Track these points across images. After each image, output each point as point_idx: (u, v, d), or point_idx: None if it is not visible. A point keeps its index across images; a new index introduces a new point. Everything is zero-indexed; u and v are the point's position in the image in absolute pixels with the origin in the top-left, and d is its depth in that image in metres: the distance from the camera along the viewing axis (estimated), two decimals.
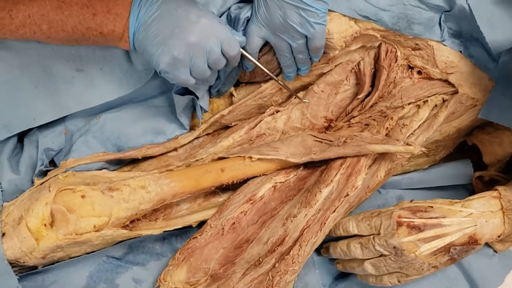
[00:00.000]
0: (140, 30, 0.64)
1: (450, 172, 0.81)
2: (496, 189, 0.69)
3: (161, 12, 0.63)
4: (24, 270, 0.69)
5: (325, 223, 0.68)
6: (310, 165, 0.74)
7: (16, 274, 0.64)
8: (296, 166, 0.75)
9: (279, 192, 0.73)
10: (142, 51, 0.65)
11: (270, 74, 0.73)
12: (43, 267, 0.69)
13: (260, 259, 0.69)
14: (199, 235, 0.71)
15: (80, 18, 0.63)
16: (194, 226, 0.75)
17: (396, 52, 0.74)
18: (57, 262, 0.70)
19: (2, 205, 0.69)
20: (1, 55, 0.69)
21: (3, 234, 0.65)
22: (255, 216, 0.72)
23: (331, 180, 0.69)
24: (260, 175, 0.74)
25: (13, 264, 0.65)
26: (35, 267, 0.69)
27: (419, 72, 0.76)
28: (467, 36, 0.73)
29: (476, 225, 0.66)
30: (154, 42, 0.63)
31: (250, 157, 0.72)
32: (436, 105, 0.75)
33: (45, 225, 0.64)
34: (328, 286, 0.76)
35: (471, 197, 0.69)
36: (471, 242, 0.66)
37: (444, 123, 0.75)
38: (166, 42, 0.63)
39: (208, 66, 0.67)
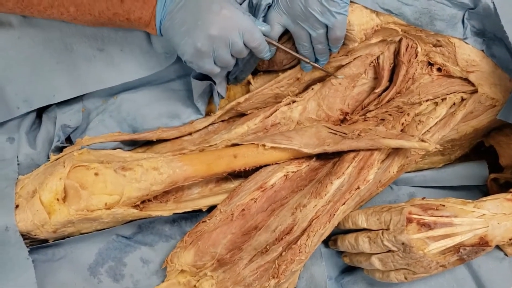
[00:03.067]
0: (166, 18, 0.65)
1: (464, 172, 0.81)
2: (511, 192, 0.68)
3: (186, 2, 0.64)
4: (35, 243, 0.70)
5: (334, 214, 0.68)
6: (323, 157, 0.74)
7: (27, 246, 0.65)
8: (309, 156, 0.74)
9: (290, 181, 0.73)
10: (169, 39, 0.66)
11: (299, 56, 0.73)
12: (53, 241, 0.71)
13: (268, 247, 0.69)
14: (208, 219, 0.72)
15: (108, 4, 0.64)
16: (204, 210, 0.75)
17: (417, 47, 0.74)
18: (68, 237, 0.71)
19: (17, 178, 0.70)
20: (25, 31, 0.70)
21: (17, 206, 0.66)
22: (265, 203, 0.72)
23: (343, 173, 0.69)
24: (272, 164, 0.74)
25: (25, 236, 0.66)
26: (45, 241, 0.70)
27: (439, 69, 0.75)
28: (490, 35, 0.72)
29: (487, 226, 0.65)
30: (179, 32, 0.64)
31: (264, 145, 0.72)
32: (454, 103, 0.75)
33: (57, 199, 0.65)
34: (334, 279, 0.76)
35: (484, 198, 0.68)
36: (482, 244, 0.65)
37: (461, 122, 0.75)
38: (190, 33, 0.64)
39: (232, 55, 0.68)
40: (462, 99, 0.75)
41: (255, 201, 0.72)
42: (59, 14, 0.64)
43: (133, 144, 0.79)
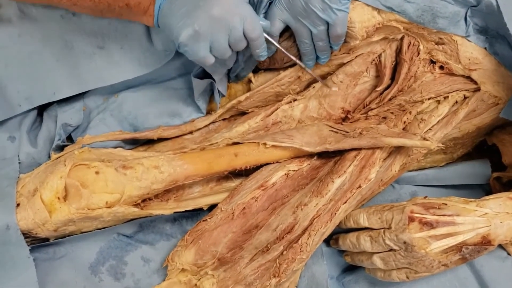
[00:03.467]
0: (165, 3, 0.64)
1: (467, 171, 0.80)
2: None
3: None
4: (36, 242, 0.70)
5: (335, 213, 0.68)
6: (324, 155, 0.74)
7: (28, 245, 0.65)
8: (310, 155, 0.74)
9: (292, 180, 0.73)
10: (165, 26, 0.65)
11: (293, 57, 0.73)
12: (54, 239, 0.71)
13: (268, 246, 0.69)
14: (209, 218, 0.72)
15: None
16: (205, 209, 0.75)
17: (419, 45, 0.73)
18: (69, 235, 0.71)
19: (18, 177, 0.70)
20: (25, 27, 0.70)
21: (18, 205, 0.66)
22: (266, 202, 0.72)
23: (344, 171, 0.69)
24: (273, 162, 0.74)
25: (26, 235, 0.66)
26: (46, 239, 0.70)
27: (441, 67, 0.74)
28: (493, 32, 0.71)
29: (490, 225, 0.64)
30: (177, 14, 0.63)
31: (264, 144, 0.72)
32: (456, 102, 0.74)
33: (58, 198, 0.65)
34: (335, 278, 0.75)
35: (487, 197, 0.68)
36: (484, 243, 0.65)
37: (464, 120, 0.74)
38: (189, 14, 0.62)
39: (229, 46, 0.66)
40: (465, 97, 0.74)
41: (256, 200, 0.72)
42: None
43: (134, 143, 0.79)
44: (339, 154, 0.72)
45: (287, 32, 0.73)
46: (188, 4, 0.63)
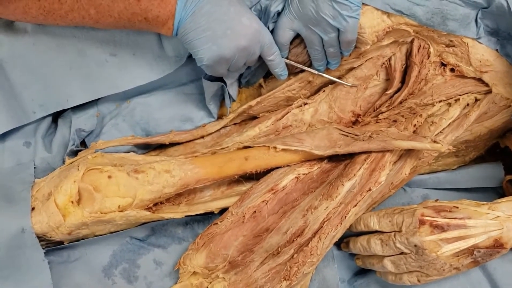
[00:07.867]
0: (188, 20, 0.65)
1: (479, 174, 0.80)
2: None
3: (212, 7, 0.65)
4: (50, 245, 0.71)
5: (345, 216, 0.68)
6: (335, 159, 0.74)
7: (42, 248, 0.66)
8: (320, 158, 0.74)
9: (302, 183, 0.73)
10: (186, 41, 0.67)
11: (308, 69, 0.74)
12: (68, 243, 0.72)
13: (279, 249, 0.69)
14: (220, 222, 0.72)
15: (125, 3, 0.64)
16: (216, 212, 0.75)
17: (429, 48, 0.73)
18: (82, 239, 0.72)
19: (33, 181, 0.71)
20: (39, 37, 0.72)
21: (33, 209, 0.67)
22: (276, 206, 0.72)
23: (354, 174, 0.69)
24: (283, 166, 0.74)
25: (40, 238, 0.67)
26: (61, 243, 0.71)
27: (452, 70, 0.74)
28: (504, 34, 0.71)
29: (502, 228, 0.64)
30: (202, 36, 0.65)
31: (275, 147, 0.72)
32: (468, 104, 0.74)
33: (72, 202, 0.67)
34: (346, 281, 0.75)
35: (499, 200, 0.67)
36: (496, 246, 0.64)
37: (475, 123, 0.74)
38: (216, 40, 0.65)
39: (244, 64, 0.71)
40: (476, 100, 0.74)
41: (266, 203, 0.72)
42: (80, 18, 0.65)
43: (146, 148, 0.80)
44: (349, 157, 0.72)
45: (297, 39, 0.73)
46: (215, 29, 0.65)
